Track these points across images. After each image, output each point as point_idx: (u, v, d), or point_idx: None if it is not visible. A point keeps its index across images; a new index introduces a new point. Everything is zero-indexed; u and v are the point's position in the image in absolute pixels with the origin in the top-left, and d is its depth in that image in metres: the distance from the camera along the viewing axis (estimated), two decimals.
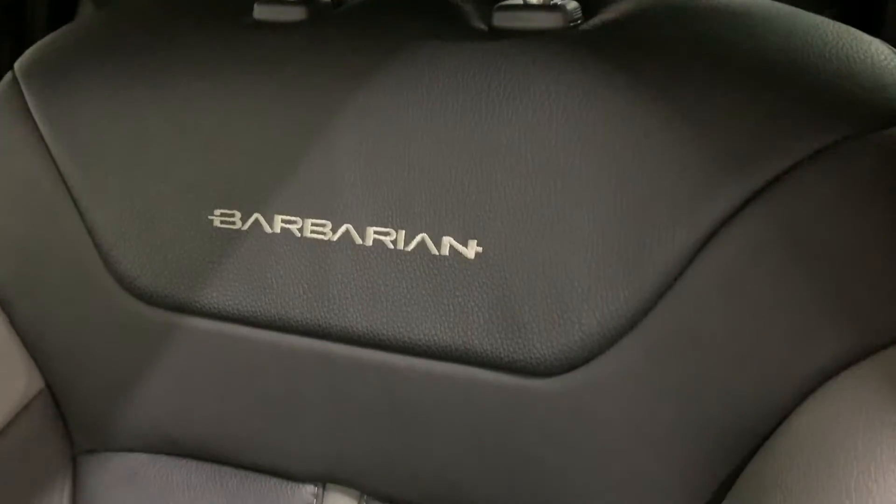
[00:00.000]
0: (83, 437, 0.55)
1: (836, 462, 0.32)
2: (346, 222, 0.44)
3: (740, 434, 0.37)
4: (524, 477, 0.43)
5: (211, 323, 0.48)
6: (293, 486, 0.51)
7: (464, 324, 0.42)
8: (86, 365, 0.52)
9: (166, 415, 0.51)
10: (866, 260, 0.34)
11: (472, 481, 0.45)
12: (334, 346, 0.45)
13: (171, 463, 0.53)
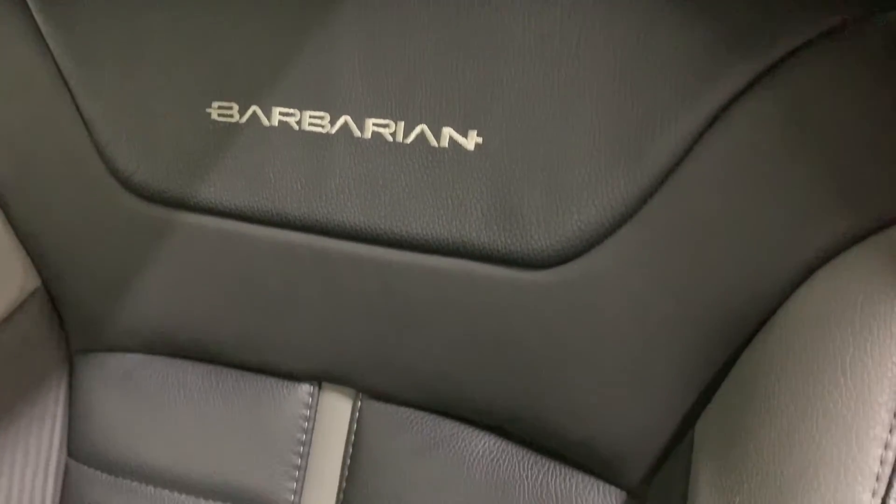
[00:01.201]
0: (79, 336, 0.55)
1: (832, 339, 0.32)
2: (344, 114, 0.43)
3: (738, 322, 0.37)
4: (520, 372, 0.43)
5: (208, 219, 0.47)
6: (289, 385, 0.51)
7: (462, 217, 0.42)
8: (82, 263, 0.52)
9: (162, 314, 0.51)
10: (870, 141, 0.34)
11: (467, 377, 0.45)
12: (332, 241, 0.45)
13: (167, 363, 0.54)
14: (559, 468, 0.44)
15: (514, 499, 0.44)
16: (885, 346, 0.31)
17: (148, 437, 0.53)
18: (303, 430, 0.51)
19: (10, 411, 0.54)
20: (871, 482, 0.30)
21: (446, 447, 0.47)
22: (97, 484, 0.53)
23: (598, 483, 0.43)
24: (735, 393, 0.37)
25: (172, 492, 0.52)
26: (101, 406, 0.54)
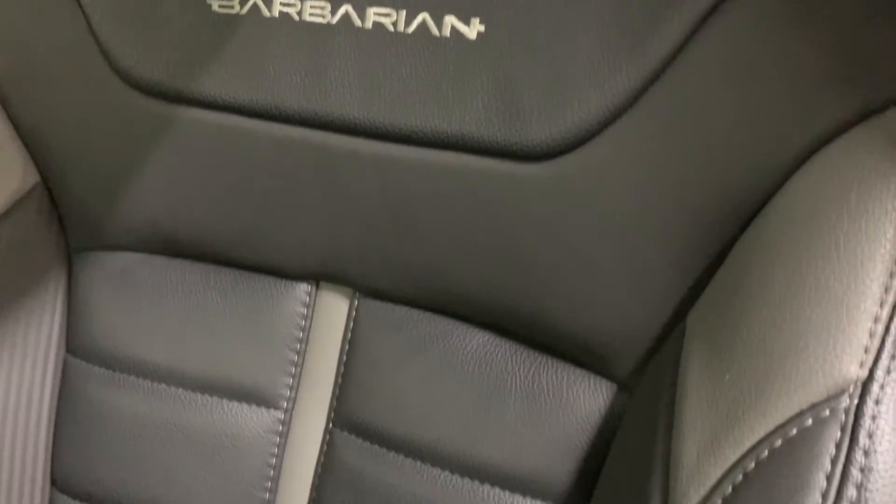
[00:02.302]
0: (78, 234, 0.55)
1: (827, 217, 0.32)
2: (345, 3, 0.43)
3: (736, 210, 0.37)
4: (516, 267, 0.43)
5: (208, 113, 0.47)
6: (287, 284, 0.51)
7: (462, 108, 0.42)
8: (81, 158, 0.52)
9: (160, 210, 0.51)
10: (869, 23, 0.33)
11: (464, 273, 0.45)
12: (330, 136, 0.45)
13: (165, 262, 0.54)
14: (551, 362, 0.45)
15: (506, 391, 0.45)
16: (879, 223, 0.31)
17: (145, 334, 0.53)
18: (300, 328, 0.51)
19: (8, 307, 0.54)
20: (859, 354, 0.30)
21: (441, 343, 0.47)
22: (95, 379, 0.54)
23: (588, 375, 0.44)
24: (729, 278, 0.37)
25: (169, 386, 0.52)
26: (100, 303, 0.54)
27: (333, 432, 0.50)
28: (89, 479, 0.53)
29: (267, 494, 0.51)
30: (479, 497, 0.45)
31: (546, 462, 0.44)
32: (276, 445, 0.51)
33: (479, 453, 0.45)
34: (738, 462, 0.32)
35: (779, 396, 0.31)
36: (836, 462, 0.30)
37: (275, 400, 0.51)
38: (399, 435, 0.48)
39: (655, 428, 0.38)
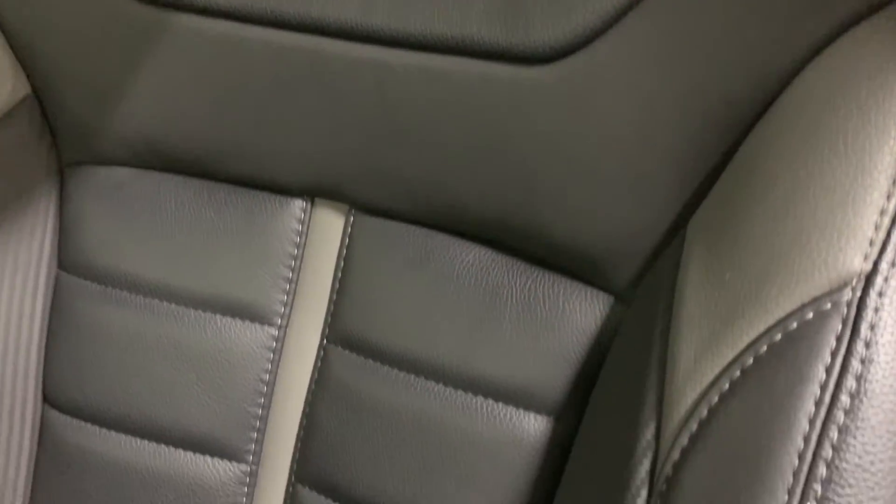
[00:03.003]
0: (70, 147, 0.54)
1: (835, 111, 0.31)
2: None
3: (741, 112, 0.36)
4: (514, 176, 0.42)
5: (202, 20, 0.46)
6: (282, 200, 0.51)
7: (463, 11, 0.41)
8: (73, 67, 0.51)
9: (154, 122, 0.50)
10: None
11: (461, 184, 0.44)
12: (327, 41, 0.44)
13: (159, 177, 0.53)
14: (547, 275, 0.44)
15: (502, 305, 0.45)
16: (889, 115, 0.30)
17: (138, 249, 0.52)
18: (295, 244, 0.51)
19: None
20: (864, 246, 0.30)
21: (437, 259, 0.47)
22: (87, 294, 0.53)
23: (585, 288, 0.43)
24: (732, 182, 0.36)
25: (162, 301, 0.52)
26: (92, 218, 0.54)
27: (327, 348, 0.50)
28: (81, 394, 0.53)
29: (260, 410, 0.51)
30: (474, 409, 0.45)
31: (541, 374, 0.44)
32: (270, 361, 0.51)
33: (474, 366, 0.45)
34: (736, 359, 0.31)
35: (779, 292, 0.31)
36: (837, 354, 0.29)
37: (269, 316, 0.51)
38: (394, 349, 0.47)
39: (652, 335, 0.37)
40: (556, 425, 0.43)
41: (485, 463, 0.44)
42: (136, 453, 0.52)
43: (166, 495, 0.52)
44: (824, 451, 0.28)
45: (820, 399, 0.29)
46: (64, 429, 0.54)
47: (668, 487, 0.33)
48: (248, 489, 0.51)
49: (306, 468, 0.50)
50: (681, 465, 0.32)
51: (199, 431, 0.51)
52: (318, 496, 0.49)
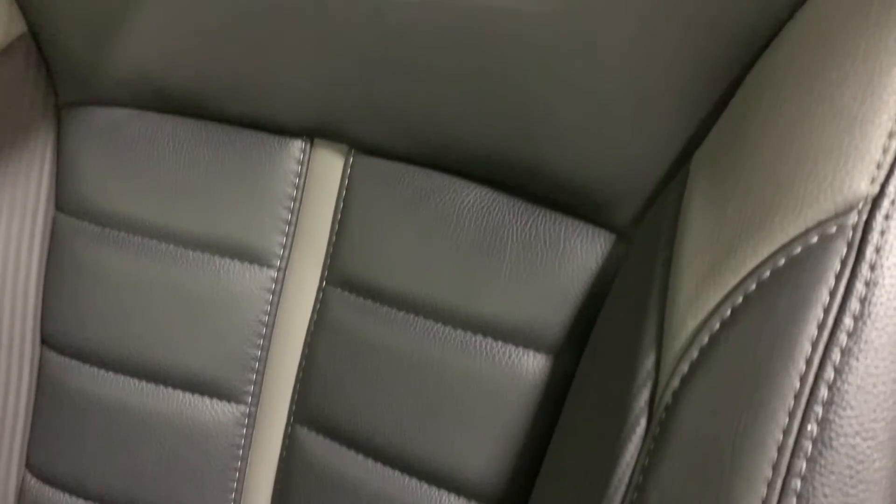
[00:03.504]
0: (67, 88, 0.53)
1: (844, 36, 0.31)
2: None
3: (748, 39, 0.36)
4: (514, 108, 0.42)
5: None
6: (281, 140, 0.50)
7: None
8: (69, 3, 0.50)
9: (152, 61, 0.49)
10: None
11: (460, 118, 0.44)
12: None
13: (157, 118, 0.52)
14: (549, 214, 0.44)
15: (502, 244, 0.44)
16: None
17: (136, 190, 0.52)
18: (294, 185, 0.50)
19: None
20: (871, 170, 0.29)
21: (437, 198, 0.46)
22: (85, 235, 0.53)
23: (587, 227, 0.43)
24: (738, 112, 0.36)
25: (160, 242, 0.51)
26: (90, 159, 0.53)
27: (327, 289, 0.49)
28: (79, 336, 0.53)
29: (259, 351, 0.51)
30: (472, 347, 0.45)
31: (541, 313, 0.43)
32: (269, 303, 0.51)
33: (473, 305, 0.45)
34: (739, 285, 0.31)
35: (784, 217, 0.31)
36: (841, 277, 0.29)
37: (268, 258, 0.51)
38: (393, 290, 0.47)
39: (653, 269, 0.37)
40: (555, 363, 0.43)
41: (484, 401, 0.44)
42: (134, 394, 0.52)
43: (165, 436, 0.52)
44: (826, 374, 0.28)
45: (823, 322, 0.29)
46: (62, 370, 0.54)
47: (668, 415, 0.32)
48: (246, 430, 0.52)
49: (305, 409, 0.50)
50: (681, 393, 0.32)
51: (197, 372, 0.51)
52: (316, 436, 0.49)
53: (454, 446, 0.45)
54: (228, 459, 0.52)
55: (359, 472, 0.47)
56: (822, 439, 0.28)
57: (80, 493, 0.54)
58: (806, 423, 0.28)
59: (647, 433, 0.33)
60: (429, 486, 0.46)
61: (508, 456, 0.44)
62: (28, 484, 0.55)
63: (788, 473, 0.28)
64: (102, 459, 0.53)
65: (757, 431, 0.29)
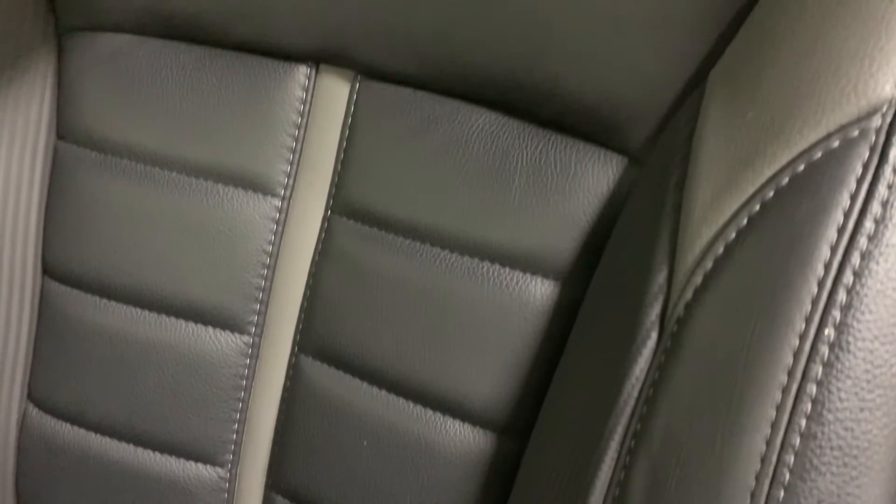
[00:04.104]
0: (68, 13, 0.52)
1: None
2: None
3: None
4: (524, 24, 0.41)
5: None
6: (286, 66, 0.49)
7: None
8: None
9: None
10: None
11: (471, 44, 0.43)
12: None
13: (160, 43, 0.51)
14: (559, 138, 0.43)
15: (511, 168, 0.44)
16: None
17: (139, 117, 0.51)
18: (299, 112, 0.49)
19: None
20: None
21: (444, 124, 0.45)
22: (86, 163, 0.52)
23: (598, 150, 0.42)
24: (757, 24, 0.35)
25: (163, 170, 0.51)
26: (91, 86, 0.52)
27: (332, 218, 0.49)
28: (81, 265, 0.52)
29: (263, 282, 0.50)
30: (479, 274, 0.44)
31: (550, 239, 0.43)
32: (273, 233, 0.50)
33: (481, 232, 0.44)
34: (756, 193, 0.30)
35: (804, 123, 0.30)
36: (862, 181, 0.28)
37: (272, 186, 0.50)
38: (399, 218, 0.46)
39: (666, 188, 0.36)
40: (563, 290, 0.43)
41: (491, 328, 0.44)
42: (136, 324, 0.52)
43: (167, 366, 0.51)
44: (845, 278, 0.28)
45: (843, 226, 0.28)
46: (64, 300, 0.53)
47: (680, 328, 0.32)
48: (250, 361, 0.51)
49: (309, 338, 0.49)
50: (693, 305, 0.32)
51: (201, 302, 0.51)
52: (321, 365, 0.49)
53: (460, 373, 0.45)
54: (232, 390, 0.51)
55: (364, 400, 0.47)
56: (840, 344, 0.28)
57: (81, 423, 0.54)
58: (823, 328, 0.28)
59: (657, 347, 0.33)
60: (433, 412, 0.45)
61: (514, 382, 0.44)
62: (30, 415, 0.55)
63: (804, 378, 0.28)
64: (104, 389, 0.53)
65: (772, 337, 0.28)
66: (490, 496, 0.44)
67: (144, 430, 0.52)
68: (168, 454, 0.52)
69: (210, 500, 0.53)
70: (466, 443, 0.45)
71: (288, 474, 0.50)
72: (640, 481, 0.32)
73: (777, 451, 0.28)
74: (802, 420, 0.28)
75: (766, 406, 0.28)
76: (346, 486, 0.48)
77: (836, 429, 0.27)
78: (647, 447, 0.32)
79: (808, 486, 0.28)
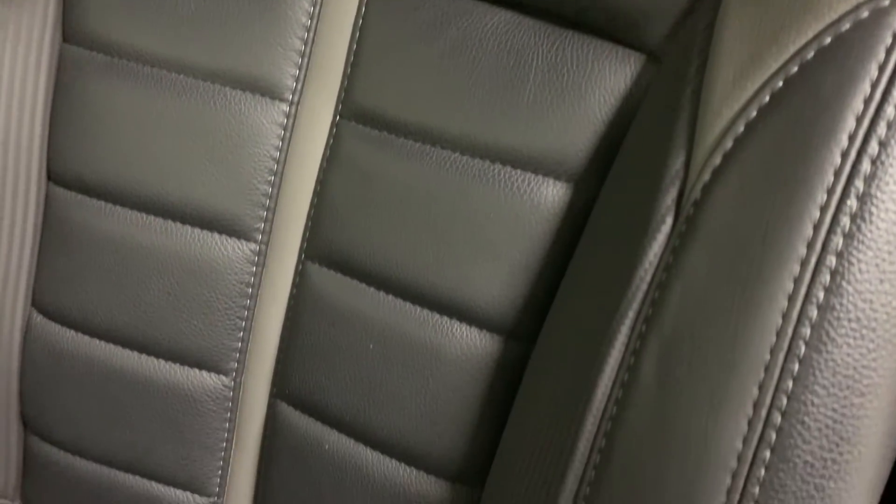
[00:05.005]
0: None
1: None
2: None
3: None
4: None
5: None
6: None
7: None
8: None
9: None
10: None
11: None
12: None
13: None
14: (576, 36, 0.42)
15: (526, 67, 0.43)
16: None
17: (145, 19, 0.50)
18: (308, 14, 0.48)
19: None
20: None
21: (458, 23, 0.44)
22: (92, 66, 0.51)
23: (616, 48, 0.41)
24: None
25: (170, 73, 0.50)
26: None
27: (341, 123, 0.48)
28: (86, 169, 0.52)
29: (270, 188, 0.50)
30: (491, 177, 0.43)
31: (564, 140, 0.42)
32: (281, 139, 0.50)
33: (493, 134, 0.43)
34: (780, 69, 0.30)
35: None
36: (892, 51, 0.27)
37: (280, 91, 0.49)
38: (409, 120, 0.45)
39: (685, 80, 0.35)
40: (576, 192, 0.42)
41: (501, 230, 0.43)
42: (142, 230, 0.51)
43: (173, 272, 0.51)
44: (870, 148, 0.27)
45: (870, 96, 0.27)
46: (69, 205, 0.53)
47: (697, 210, 0.31)
48: (256, 268, 0.51)
49: (316, 245, 0.49)
50: (711, 185, 0.31)
51: (207, 208, 0.50)
52: (327, 272, 0.48)
53: (468, 277, 0.44)
54: (238, 297, 0.51)
55: (370, 305, 0.47)
56: (862, 214, 0.27)
57: (86, 330, 0.53)
58: (845, 199, 0.27)
59: (672, 232, 0.32)
60: (441, 316, 0.45)
61: (524, 286, 0.43)
62: (34, 322, 0.55)
63: (824, 250, 0.27)
64: (109, 296, 0.52)
65: (792, 210, 0.28)
66: (496, 400, 0.44)
67: (149, 338, 0.52)
68: (172, 362, 0.52)
69: (214, 409, 0.53)
70: (473, 347, 0.45)
71: (293, 382, 0.50)
72: (650, 366, 0.32)
73: (794, 324, 0.28)
74: (821, 292, 0.27)
75: (784, 279, 0.28)
76: (351, 392, 0.48)
77: (854, 300, 0.27)
78: (659, 331, 0.32)
79: (824, 358, 0.27)
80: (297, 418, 0.50)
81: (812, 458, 0.28)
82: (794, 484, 0.28)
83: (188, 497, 0.54)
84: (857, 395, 0.28)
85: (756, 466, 0.29)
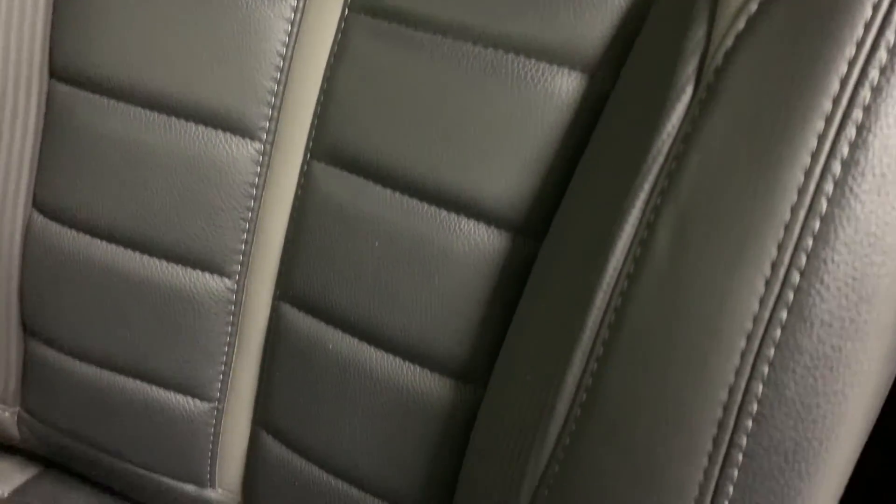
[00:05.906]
0: None
1: None
2: None
3: None
4: None
5: None
6: None
7: None
8: None
9: None
10: None
11: None
12: None
13: None
14: None
15: None
16: None
17: None
18: None
19: None
20: None
21: None
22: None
23: None
24: None
25: None
26: None
27: (349, 17, 0.47)
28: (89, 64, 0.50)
29: (276, 85, 0.48)
30: (503, 67, 0.42)
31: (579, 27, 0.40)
32: (288, 34, 0.48)
33: (505, 23, 0.42)
34: None
35: None
36: None
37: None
38: (419, 11, 0.44)
39: None
40: (591, 82, 0.41)
41: (512, 123, 0.42)
42: (145, 127, 0.50)
43: (176, 171, 0.50)
44: None
45: None
46: (71, 102, 0.52)
47: (717, 77, 0.31)
48: (261, 168, 0.50)
49: (322, 144, 0.48)
50: (734, 52, 0.30)
51: (212, 104, 0.49)
52: (334, 170, 0.47)
53: (477, 171, 0.43)
54: (242, 198, 0.50)
55: (377, 203, 0.46)
56: (892, 66, 0.26)
57: (87, 229, 0.53)
58: (875, 51, 0.26)
59: (692, 101, 0.32)
60: (448, 212, 0.44)
61: (534, 180, 0.42)
62: (35, 222, 0.54)
63: (850, 105, 0.27)
64: (111, 195, 0.52)
65: (818, 66, 0.27)
66: (503, 297, 0.43)
67: (151, 238, 0.52)
68: (175, 263, 0.52)
69: (216, 312, 0.52)
70: (481, 243, 0.44)
71: (297, 283, 0.49)
72: (665, 237, 0.31)
73: (816, 181, 0.27)
74: (845, 147, 0.26)
75: (808, 136, 0.27)
76: (356, 292, 0.47)
77: (880, 155, 0.26)
78: (675, 200, 0.31)
79: (847, 214, 0.27)
80: (300, 320, 0.50)
81: (830, 318, 0.27)
82: (810, 344, 0.28)
83: (188, 401, 0.54)
84: (879, 252, 0.27)
85: (772, 327, 0.28)
